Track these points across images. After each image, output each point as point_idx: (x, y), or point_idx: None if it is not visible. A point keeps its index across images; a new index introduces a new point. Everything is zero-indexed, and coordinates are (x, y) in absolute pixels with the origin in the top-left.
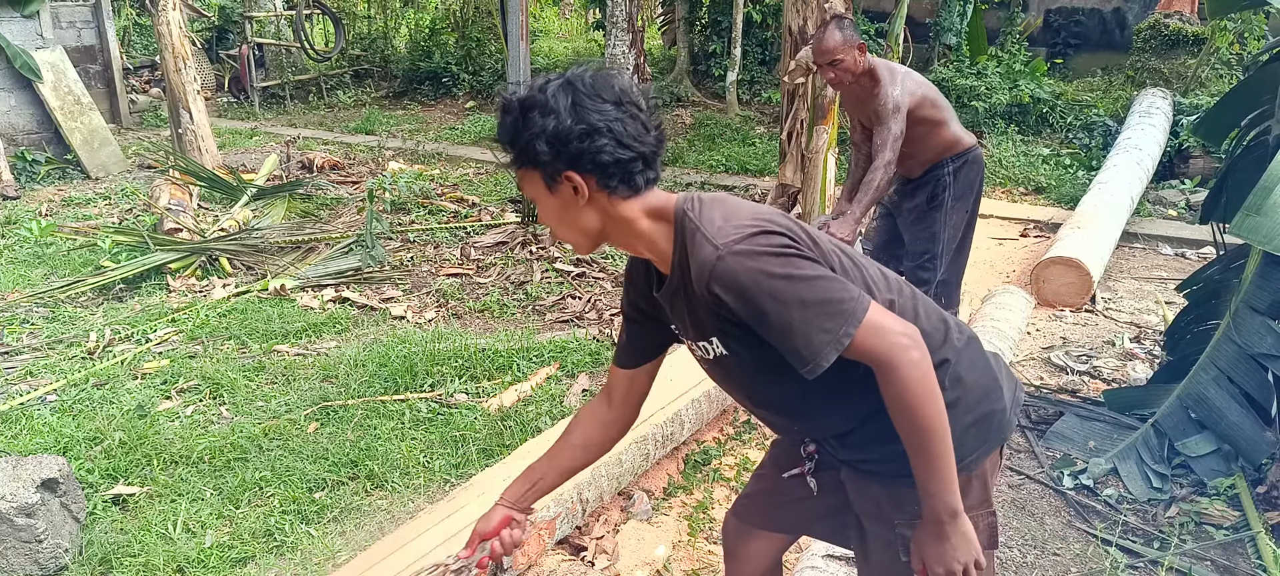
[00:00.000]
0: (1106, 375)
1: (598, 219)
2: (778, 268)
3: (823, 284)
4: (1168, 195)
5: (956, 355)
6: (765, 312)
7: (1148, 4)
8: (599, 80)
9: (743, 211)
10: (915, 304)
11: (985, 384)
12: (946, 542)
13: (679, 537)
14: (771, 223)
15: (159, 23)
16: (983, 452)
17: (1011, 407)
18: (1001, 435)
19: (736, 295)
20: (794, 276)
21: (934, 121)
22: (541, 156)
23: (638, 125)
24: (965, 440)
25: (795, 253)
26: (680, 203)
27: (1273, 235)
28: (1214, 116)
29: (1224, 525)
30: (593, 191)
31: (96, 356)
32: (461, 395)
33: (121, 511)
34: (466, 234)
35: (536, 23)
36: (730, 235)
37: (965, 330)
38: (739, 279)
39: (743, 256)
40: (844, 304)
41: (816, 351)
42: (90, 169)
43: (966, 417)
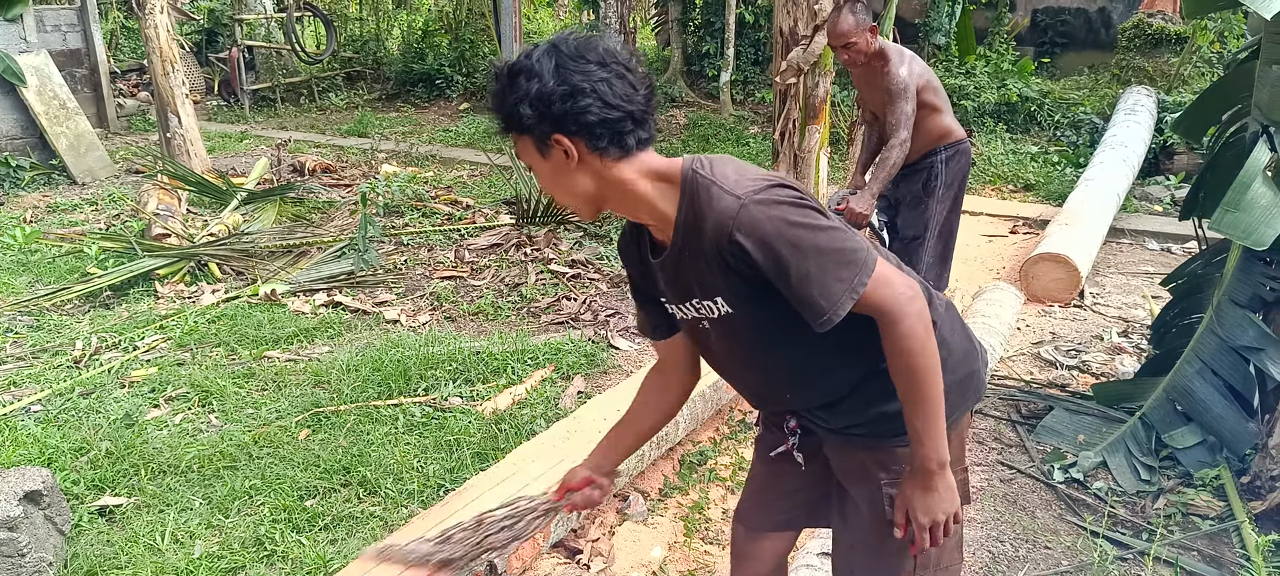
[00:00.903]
0: (1095, 369)
1: (593, 182)
2: (797, 216)
3: (838, 234)
4: (1153, 191)
5: (940, 319)
6: (785, 261)
7: (1132, 3)
8: (583, 42)
9: (753, 170)
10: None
11: (965, 347)
12: (934, 493)
13: (675, 538)
14: (783, 178)
15: (146, 26)
16: (961, 410)
17: (984, 367)
18: (978, 395)
19: (758, 243)
20: (813, 226)
21: (933, 108)
22: (527, 120)
23: (625, 85)
24: (949, 398)
25: (809, 204)
26: (687, 163)
27: (1251, 230)
28: (1194, 114)
29: (1210, 515)
30: (583, 154)
31: (83, 365)
32: (456, 399)
33: (108, 523)
34: (460, 236)
35: (530, 24)
36: (749, 187)
37: (943, 298)
38: (762, 226)
39: (764, 205)
40: (857, 254)
41: (834, 300)
42: (76, 174)
43: (950, 377)
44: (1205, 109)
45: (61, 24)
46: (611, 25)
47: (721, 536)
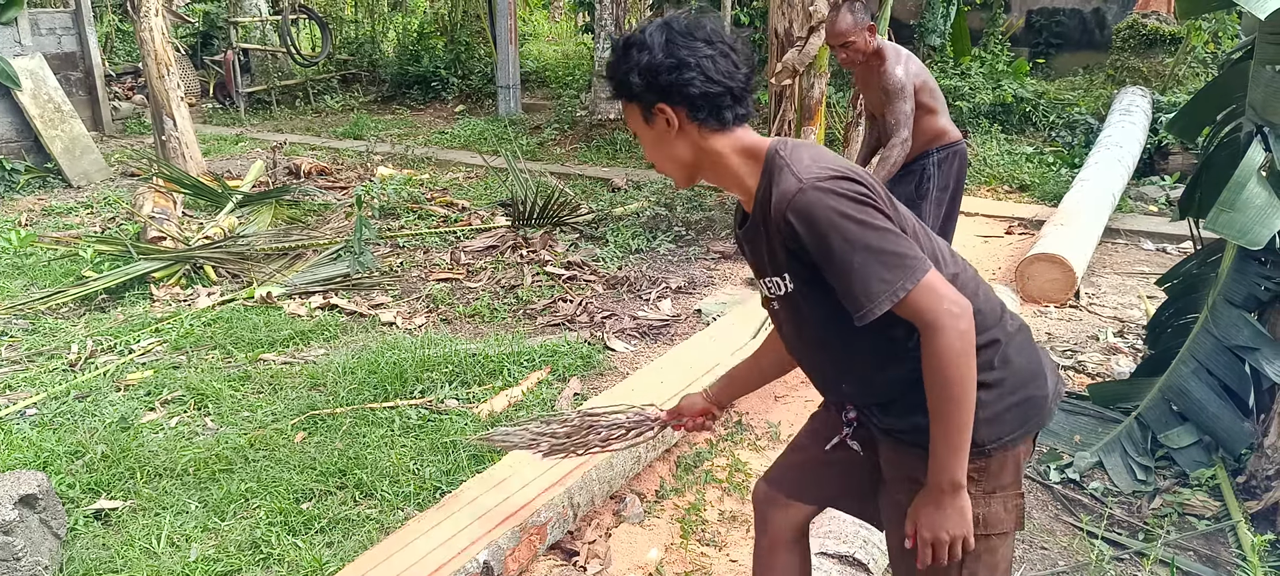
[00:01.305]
0: (1091, 369)
1: (690, 151)
2: (853, 210)
3: (892, 237)
4: (1148, 191)
5: (1007, 338)
6: (832, 249)
7: (1126, 4)
8: (693, 22)
9: (830, 157)
10: (976, 285)
11: (1031, 370)
12: (942, 511)
13: (671, 540)
14: (855, 173)
15: (141, 29)
16: (1021, 434)
17: (1052, 397)
18: (1040, 421)
19: (808, 226)
20: (866, 223)
21: (927, 108)
22: (635, 88)
23: (728, 63)
24: (1006, 419)
25: (872, 204)
26: (774, 143)
27: (1246, 229)
28: (1188, 113)
29: (1206, 515)
30: (684, 124)
31: (78, 368)
32: (452, 401)
33: (104, 526)
34: (456, 238)
35: (526, 26)
36: (815, 173)
37: (1017, 319)
38: (814, 211)
39: (823, 193)
40: (906, 259)
41: (872, 297)
42: (72, 177)
43: (1010, 398)
44: (1200, 109)
45: (56, 27)
46: (606, 27)
47: (718, 538)
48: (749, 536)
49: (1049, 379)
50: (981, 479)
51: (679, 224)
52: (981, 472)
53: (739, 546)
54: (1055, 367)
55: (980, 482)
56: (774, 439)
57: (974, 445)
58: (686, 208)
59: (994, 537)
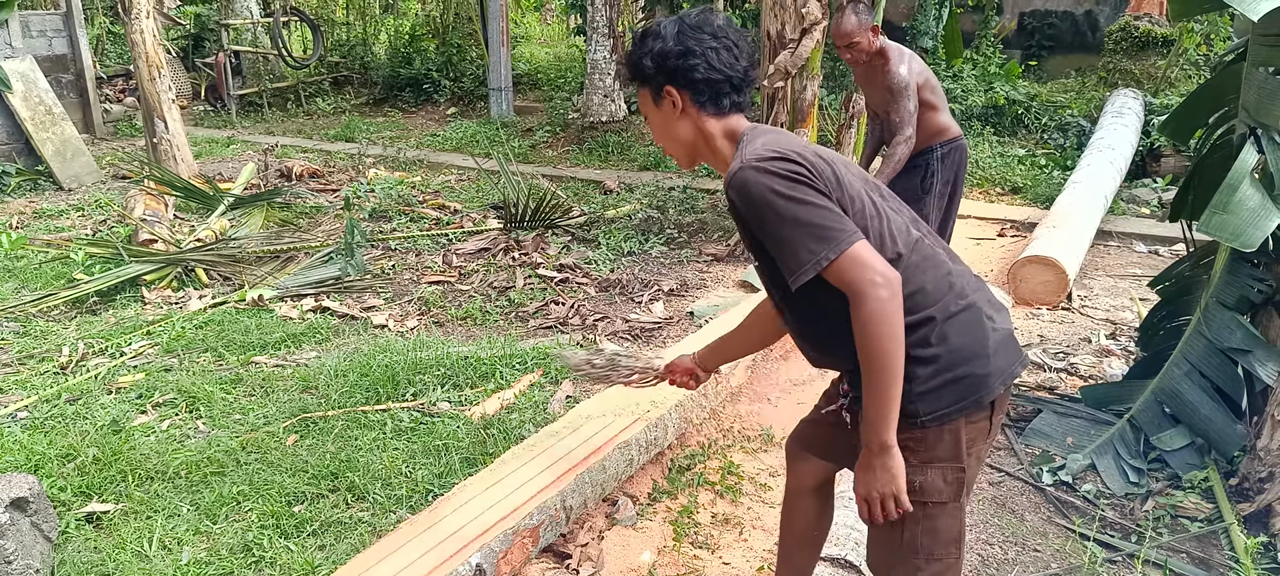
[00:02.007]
0: (1083, 372)
1: (690, 131)
2: (784, 188)
3: (820, 211)
4: (1141, 193)
5: (946, 316)
6: (766, 222)
7: (1118, 6)
8: (702, 17)
9: (781, 142)
10: (927, 265)
11: (971, 349)
12: (871, 471)
13: (664, 543)
14: (797, 154)
15: (132, 31)
16: (957, 410)
17: (996, 376)
18: (978, 399)
19: (745, 202)
20: (795, 199)
21: (930, 105)
22: (647, 71)
23: (730, 55)
24: (942, 394)
25: (806, 181)
26: (746, 128)
27: (1239, 232)
28: (1181, 116)
29: (1198, 517)
30: (686, 106)
31: (69, 371)
32: (444, 404)
33: (95, 529)
34: (448, 241)
35: (518, 28)
36: (756, 153)
37: (970, 298)
38: (749, 188)
39: (757, 171)
40: (833, 231)
41: (800, 265)
42: (63, 180)
43: (947, 375)
44: (1192, 111)
45: (47, 29)
46: (599, 29)
47: (711, 540)
48: (741, 539)
49: (995, 358)
50: (918, 449)
51: (671, 226)
52: (918, 443)
53: (731, 549)
54: (1014, 351)
55: (917, 453)
56: (767, 442)
57: (910, 417)
58: (678, 210)
59: (932, 506)
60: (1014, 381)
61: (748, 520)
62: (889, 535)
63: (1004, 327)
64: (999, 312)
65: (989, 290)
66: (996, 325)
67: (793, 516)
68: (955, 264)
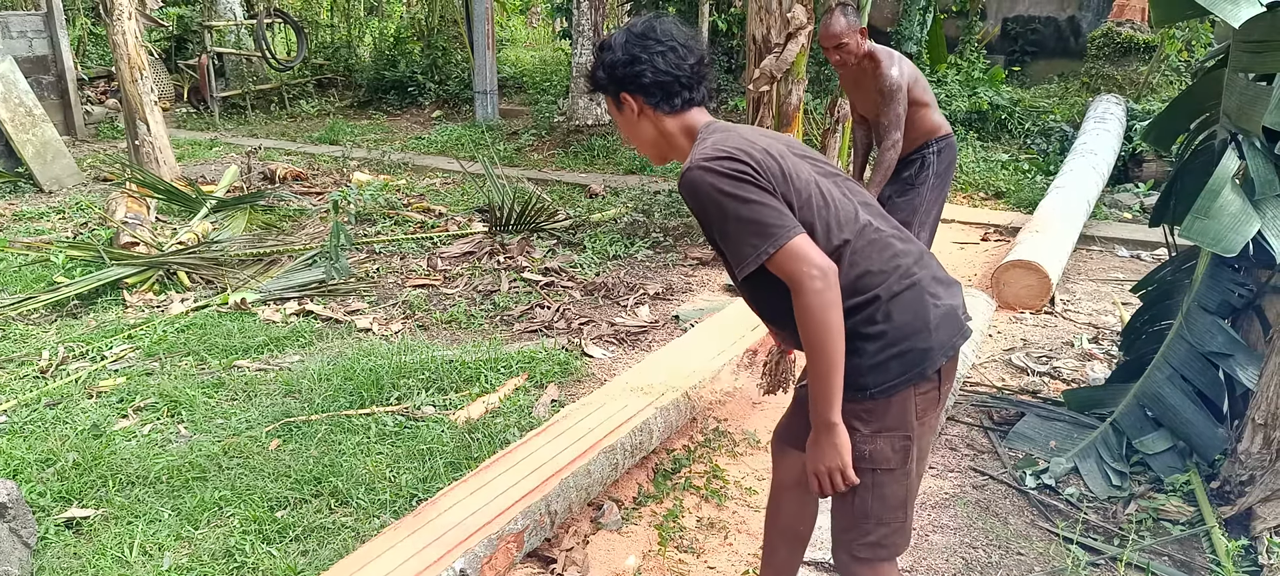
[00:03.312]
0: (1066, 375)
1: (652, 131)
2: (728, 187)
3: (760, 209)
4: (1123, 198)
5: (891, 295)
6: (711, 219)
7: (1101, 12)
8: (647, 25)
9: (730, 141)
10: (873, 248)
11: (914, 325)
12: (819, 447)
13: (649, 547)
14: (743, 152)
15: (114, 32)
16: (902, 382)
17: (938, 349)
18: (922, 371)
19: (693, 199)
20: (737, 196)
21: (922, 104)
22: (602, 81)
23: (675, 56)
24: (889, 367)
25: (750, 179)
26: (703, 126)
27: (1220, 237)
28: (1163, 122)
29: (1180, 521)
30: (643, 108)
31: (49, 375)
32: (428, 408)
33: (75, 535)
34: (433, 244)
35: (503, 31)
36: (704, 153)
37: (915, 277)
38: (697, 187)
39: (704, 171)
40: (772, 227)
41: (742, 258)
42: (43, 182)
43: (892, 349)
44: (1174, 117)
45: (27, 30)
46: (584, 32)
47: (696, 544)
48: (726, 543)
49: (938, 332)
50: (868, 419)
51: (656, 230)
52: (868, 414)
53: (717, 553)
54: (957, 325)
55: (868, 423)
56: (752, 445)
57: (860, 389)
58: (664, 214)
59: (881, 473)
60: (955, 352)
61: (733, 524)
62: (843, 503)
63: (947, 303)
64: (945, 288)
65: (936, 266)
66: (939, 301)
67: (776, 512)
68: (904, 243)
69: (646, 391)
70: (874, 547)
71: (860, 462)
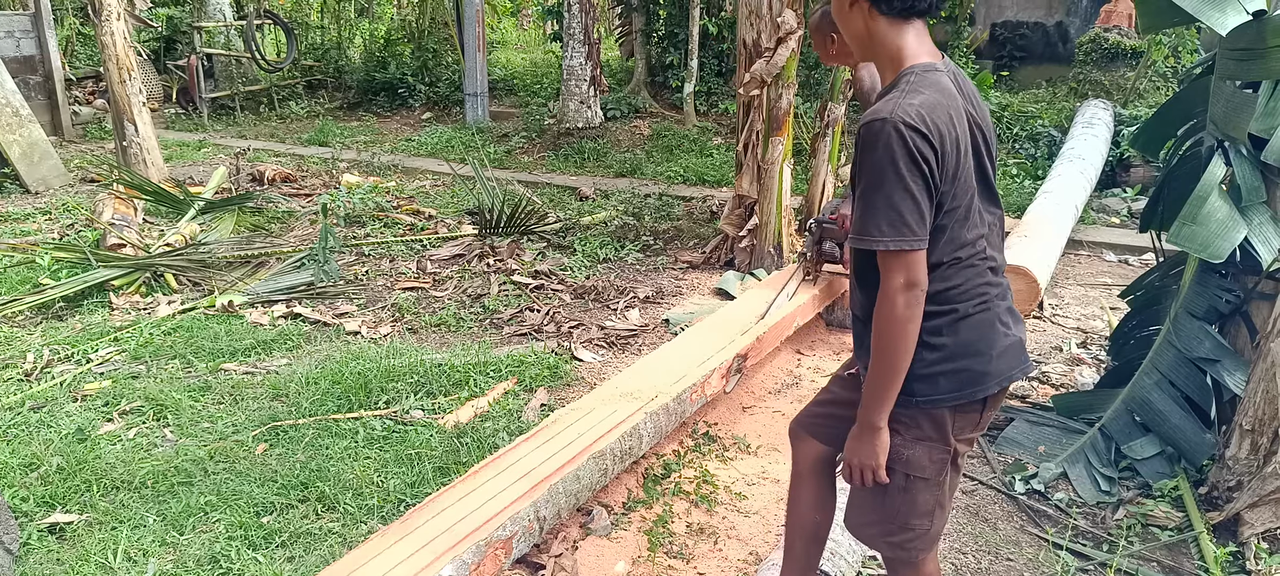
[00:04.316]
0: (1055, 380)
1: (862, 26)
2: (903, 164)
3: (911, 203)
4: (1111, 203)
5: (964, 315)
6: (868, 174)
7: (1089, 18)
8: None
9: (939, 113)
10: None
11: (976, 347)
12: (860, 442)
13: (639, 553)
14: (939, 135)
15: (103, 33)
16: (950, 399)
17: (994, 377)
18: (972, 392)
19: (866, 146)
20: (903, 179)
21: None
22: None
23: None
24: (940, 381)
25: (924, 169)
26: (910, 67)
27: (1207, 243)
28: (1151, 128)
29: (1169, 526)
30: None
31: (34, 378)
32: (417, 412)
33: (58, 541)
34: (423, 247)
35: (494, 34)
36: (903, 114)
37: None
38: (876, 141)
39: (894, 132)
40: (906, 228)
41: (864, 232)
42: (30, 183)
43: (948, 365)
44: (1162, 123)
45: (15, 30)
46: (575, 35)
47: (685, 550)
48: (716, 549)
49: (997, 360)
50: (910, 425)
51: (647, 233)
52: (910, 420)
53: (706, 558)
54: (1019, 357)
55: (910, 429)
56: (742, 450)
57: (909, 394)
58: (654, 217)
59: (915, 480)
60: (1011, 384)
61: (723, 530)
62: (872, 499)
63: (1016, 336)
64: (1016, 322)
65: (1011, 298)
66: (1010, 332)
67: (796, 504)
68: (997, 275)
69: (636, 396)
70: (899, 547)
71: (896, 465)
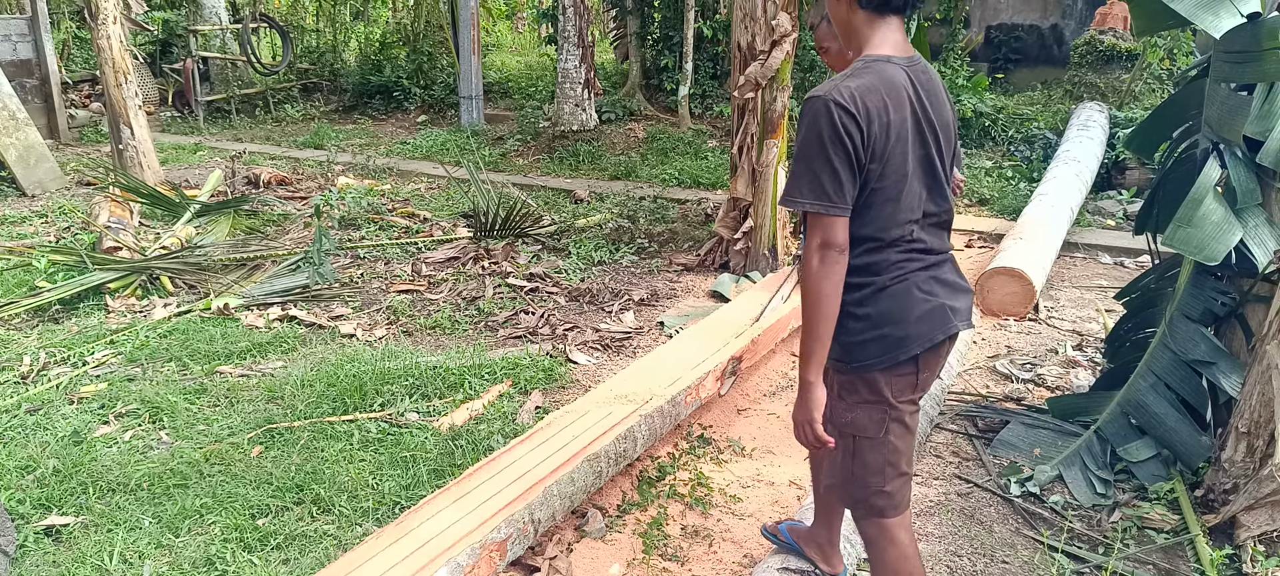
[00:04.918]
0: (1050, 382)
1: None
2: (826, 134)
3: (832, 173)
4: (1106, 205)
5: (881, 288)
6: (799, 141)
7: (1083, 20)
8: None
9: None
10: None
11: (893, 315)
12: (798, 400)
13: (633, 555)
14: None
15: (99, 36)
16: (879, 363)
17: (916, 339)
18: (896, 354)
19: (801, 117)
20: (825, 149)
21: None
22: None
23: None
24: (867, 347)
25: (847, 144)
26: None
27: (1202, 245)
28: (1145, 130)
29: (1164, 529)
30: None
31: (30, 381)
32: (412, 414)
33: (54, 543)
34: (418, 249)
35: (489, 37)
36: (837, 93)
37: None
38: (807, 112)
39: (823, 106)
40: (827, 194)
41: (792, 191)
42: (26, 186)
43: (872, 332)
44: (1157, 126)
45: (12, 34)
46: (570, 38)
47: (680, 552)
48: (711, 552)
49: (916, 325)
50: (851, 391)
51: (642, 236)
52: (850, 385)
53: (701, 561)
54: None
55: (850, 394)
56: (737, 453)
57: (844, 362)
58: (649, 219)
59: (861, 440)
60: (933, 345)
61: (717, 532)
62: (832, 462)
63: (938, 302)
64: (945, 290)
65: (951, 271)
66: (931, 299)
67: (816, 467)
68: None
69: (631, 398)
70: (868, 503)
71: (844, 429)
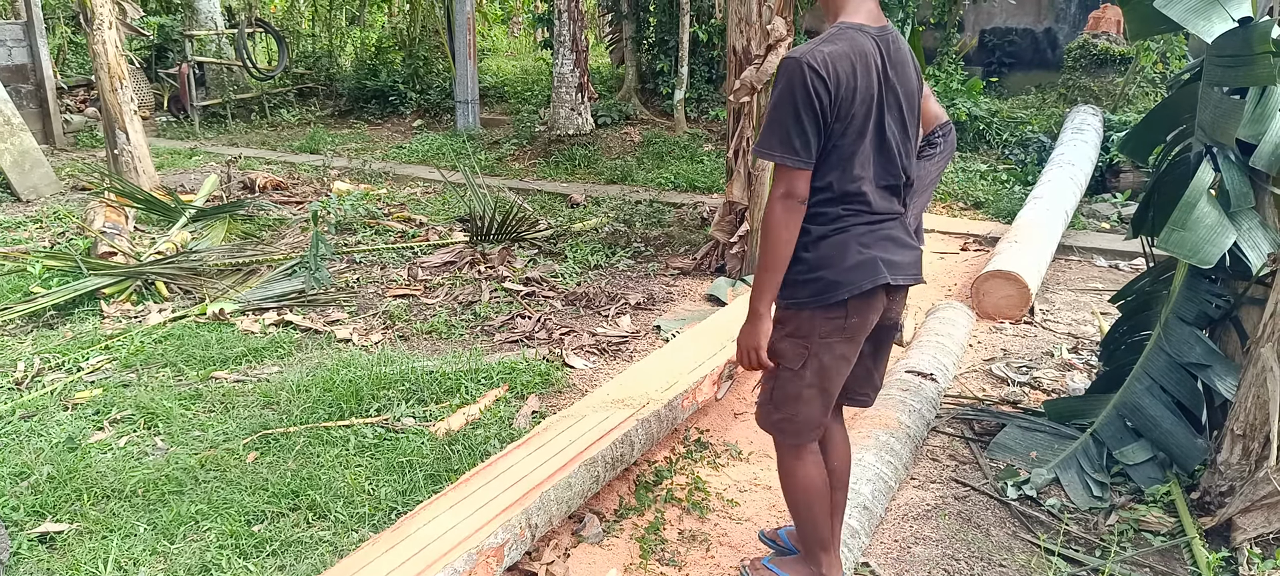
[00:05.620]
0: (1046, 385)
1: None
2: (798, 94)
3: (799, 129)
4: (1100, 208)
5: (822, 236)
6: (772, 100)
7: (1077, 24)
8: None
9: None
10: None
11: (828, 261)
12: (745, 327)
13: (630, 560)
14: (834, 75)
15: (94, 41)
16: (810, 302)
17: (845, 286)
18: (826, 297)
19: (777, 79)
20: (795, 106)
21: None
22: None
23: None
24: (802, 287)
25: (816, 104)
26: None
27: (1197, 248)
28: (1139, 134)
29: (1161, 531)
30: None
31: (24, 387)
32: (408, 419)
33: (49, 550)
34: (413, 254)
35: (485, 41)
36: (811, 55)
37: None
38: (783, 72)
39: (797, 68)
40: (794, 146)
41: (763, 143)
42: (21, 191)
43: (809, 274)
44: (1150, 129)
45: (7, 39)
46: (566, 42)
47: (677, 557)
48: (708, 556)
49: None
50: (785, 324)
51: (638, 240)
52: (785, 320)
53: (698, 566)
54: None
55: (784, 326)
56: (734, 457)
57: (784, 299)
58: (645, 223)
59: (784, 369)
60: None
61: (715, 536)
62: (763, 387)
63: (873, 254)
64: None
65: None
66: (867, 251)
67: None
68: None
69: (628, 403)
70: (777, 426)
71: (774, 357)
